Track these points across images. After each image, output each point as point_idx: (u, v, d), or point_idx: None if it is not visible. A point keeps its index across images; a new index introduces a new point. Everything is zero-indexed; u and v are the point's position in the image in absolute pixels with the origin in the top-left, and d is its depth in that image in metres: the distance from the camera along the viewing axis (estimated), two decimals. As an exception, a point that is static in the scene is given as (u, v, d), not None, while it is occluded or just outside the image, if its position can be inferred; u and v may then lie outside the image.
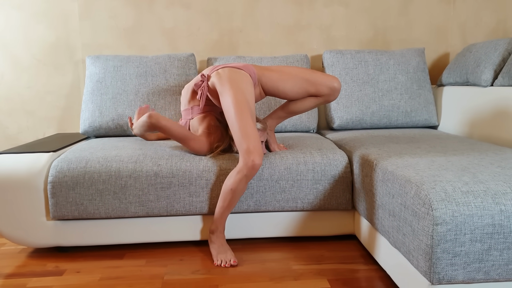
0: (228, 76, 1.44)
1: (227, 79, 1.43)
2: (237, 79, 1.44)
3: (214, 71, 1.51)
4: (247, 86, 1.43)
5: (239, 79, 1.44)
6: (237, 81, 1.43)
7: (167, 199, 1.48)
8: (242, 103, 1.37)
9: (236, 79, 1.43)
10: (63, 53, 2.27)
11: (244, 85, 1.43)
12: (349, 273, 1.34)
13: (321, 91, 1.52)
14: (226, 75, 1.45)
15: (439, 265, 0.93)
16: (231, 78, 1.43)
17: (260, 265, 1.40)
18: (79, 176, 1.45)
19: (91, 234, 1.51)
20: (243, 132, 1.34)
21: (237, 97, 1.38)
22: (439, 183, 0.99)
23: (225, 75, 1.45)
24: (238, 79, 1.44)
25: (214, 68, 1.53)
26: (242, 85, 1.42)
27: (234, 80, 1.43)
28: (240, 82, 1.43)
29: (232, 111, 1.36)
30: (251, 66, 1.53)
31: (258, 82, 1.53)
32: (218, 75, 1.47)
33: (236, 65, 1.51)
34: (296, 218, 1.57)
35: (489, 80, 1.77)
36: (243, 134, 1.34)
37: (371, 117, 2.08)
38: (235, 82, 1.42)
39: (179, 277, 1.33)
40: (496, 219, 0.92)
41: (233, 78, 1.43)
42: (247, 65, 1.52)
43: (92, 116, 1.96)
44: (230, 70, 1.47)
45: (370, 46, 2.40)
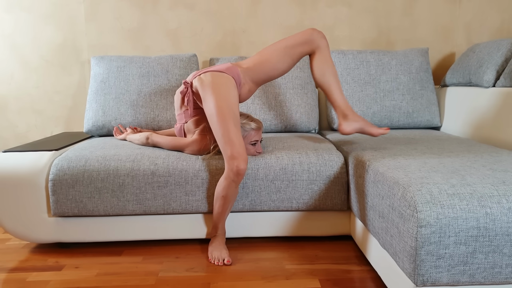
0: (210, 81, 1.45)
1: (209, 85, 1.44)
2: (219, 83, 1.44)
3: (197, 77, 1.52)
4: (229, 89, 1.44)
5: (221, 83, 1.45)
6: (219, 86, 1.44)
7: (164, 197, 1.51)
8: (224, 109, 1.38)
9: (218, 83, 1.44)
10: (70, 53, 2.33)
11: (226, 89, 1.44)
12: (341, 273, 1.34)
13: (306, 50, 1.53)
14: (208, 80, 1.46)
15: (423, 267, 0.93)
16: (213, 83, 1.44)
17: (253, 264, 1.42)
18: (79, 174, 1.49)
19: (91, 231, 1.55)
20: (226, 138, 1.35)
21: (219, 103, 1.39)
22: (425, 185, 0.99)
23: (207, 80, 1.47)
24: (220, 83, 1.44)
25: (197, 74, 1.54)
26: (224, 89, 1.43)
27: (216, 85, 1.44)
28: (222, 86, 1.44)
29: (215, 117, 1.38)
30: (235, 67, 1.53)
31: (245, 80, 1.54)
32: (200, 80, 1.49)
33: (219, 68, 1.52)
34: (292, 218, 1.58)
35: (491, 80, 1.75)
36: (226, 140, 1.35)
37: (372, 118, 2.07)
38: (217, 87, 1.43)
39: (174, 274, 1.36)
40: (481, 222, 0.91)
41: (215, 82, 1.44)
42: (230, 67, 1.53)
43: (96, 116, 2.00)
44: (212, 74, 1.48)
45: (374, 47, 2.39)
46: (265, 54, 1.56)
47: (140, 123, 2.00)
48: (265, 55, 1.56)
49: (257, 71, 1.55)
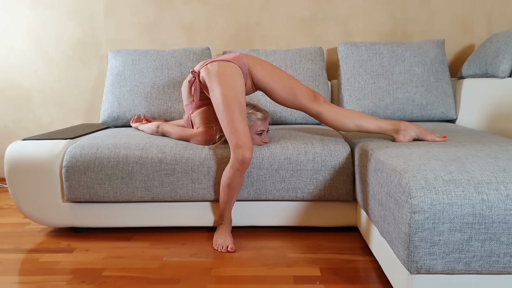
0: (216, 71, 1.47)
1: (215, 74, 1.46)
2: (226, 73, 1.46)
3: (204, 66, 1.55)
4: (235, 79, 1.46)
5: (228, 72, 1.46)
6: (226, 75, 1.45)
7: (171, 185, 1.55)
8: (230, 98, 1.40)
9: (225, 73, 1.46)
10: (89, 48, 2.41)
11: (232, 79, 1.45)
12: (343, 263, 1.34)
13: (308, 101, 1.52)
14: (215, 70, 1.48)
15: (416, 253, 0.92)
16: (219, 73, 1.46)
17: (256, 252, 1.43)
18: (90, 161, 1.55)
19: (102, 217, 1.61)
20: (232, 127, 1.37)
21: (225, 92, 1.41)
22: (422, 172, 0.97)
23: (213, 70, 1.49)
24: (227, 73, 1.46)
25: (204, 63, 1.56)
26: (230, 78, 1.45)
27: (222, 74, 1.46)
28: (229, 75, 1.46)
29: (221, 107, 1.40)
30: (242, 58, 1.54)
31: (249, 73, 1.55)
32: (207, 70, 1.51)
33: (226, 58, 1.54)
34: (297, 207, 1.59)
35: (507, 70, 1.69)
36: (232, 129, 1.37)
37: (385, 110, 2.04)
38: (223, 77, 1.45)
39: (177, 259, 1.39)
40: (477, 209, 0.89)
41: (221, 72, 1.46)
42: (237, 56, 1.54)
43: (111, 107, 2.07)
44: (219, 64, 1.50)
45: (389, 38, 2.35)
46: (276, 74, 1.54)
47: (153, 115, 2.06)
48: (275, 74, 1.54)
49: (259, 75, 1.53)
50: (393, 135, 1.47)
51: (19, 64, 2.43)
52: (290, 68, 2.11)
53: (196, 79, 1.57)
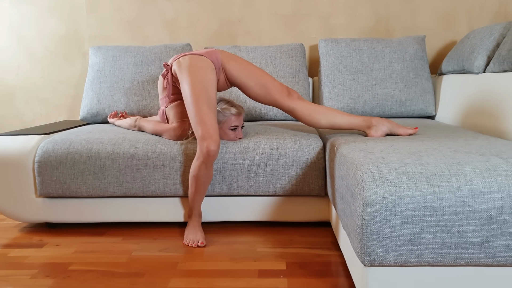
0: (187, 64, 1.48)
1: (186, 68, 1.46)
2: (196, 66, 1.46)
3: (176, 60, 1.55)
4: (206, 72, 1.46)
5: (199, 66, 1.47)
6: (196, 69, 1.46)
7: (143, 180, 1.55)
8: (199, 90, 1.40)
9: (195, 66, 1.46)
10: (72, 44, 2.41)
11: (203, 72, 1.45)
12: (311, 257, 1.34)
13: (281, 97, 1.52)
14: (186, 63, 1.48)
15: (369, 246, 0.92)
16: (190, 66, 1.46)
17: (226, 247, 1.44)
18: (62, 156, 1.55)
19: (75, 212, 1.61)
20: (198, 119, 1.37)
21: (194, 85, 1.41)
22: (377, 164, 0.97)
23: (184, 63, 1.49)
24: (197, 66, 1.46)
25: (177, 57, 1.56)
26: (201, 72, 1.45)
27: (193, 67, 1.46)
28: (200, 69, 1.46)
29: (189, 98, 1.40)
30: (216, 53, 1.55)
31: (222, 69, 1.55)
32: (178, 63, 1.51)
33: (199, 52, 1.54)
34: (270, 203, 1.59)
35: (481, 66, 1.68)
36: (198, 120, 1.37)
37: (363, 106, 2.04)
38: (194, 70, 1.45)
39: (146, 253, 1.40)
40: (429, 201, 0.89)
41: (192, 65, 1.47)
42: (211, 51, 1.55)
43: (91, 103, 2.07)
44: (191, 57, 1.50)
45: (372, 35, 2.35)
46: (250, 70, 1.54)
47: (132, 110, 2.06)
48: (250, 70, 1.54)
49: (232, 71, 1.53)
50: (365, 130, 1.47)
51: (1, 61, 2.44)
52: (270, 65, 2.11)
53: (168, 73, 1.57)
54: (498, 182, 0.89)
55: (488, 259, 0.91)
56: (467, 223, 0.89)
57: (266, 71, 2.09)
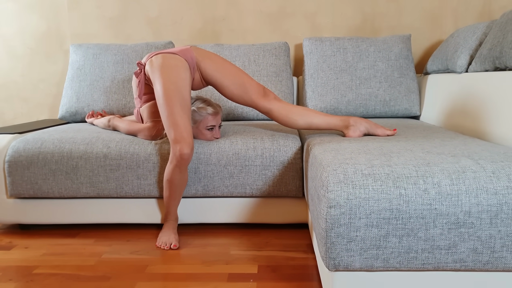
0: (159, 63, 1.44)
1: (158, 67, 1.43)
2: (169, 65, 1.42)
3: (149, 59, 1.51)
4: (179, 72, 1.42)
5: (172, 65, 1.43)
6: (169, 68, 1.42)
7: (116, 181, 1.51)
8: (171, 91, 1.36)
9: (168, 65, 1.42)
10: (53, 42, 2.37)
11: (176, 71, 1.41)
12: (284, 260, 1.31)
13: (257, 97, 1.48)
14: (158, 62, 1.44)
15: (334, 250, 0.88)
16: (162, 65, 1.42)
17: (199, 249, 1.40)
18: (34, 156, 1.51)
19: (47, 213, 1.58)
20: (171, 121, 1.33)
21: (166, 85, 1.37)
22: (343, 166, 0.94)
23: (156, 62, 1.45)
24: (171, 65, 1.42)
25: (150, 55, 1.53)
26: (173, 71, 1.41)
27: (165, 67, 1.42)
28: (172, 68, 1.42)
29: (161, 99, 1.36)
30: (190, 51, 1.51)
31: (197, 67, 1.52)
32: (151, 63, 1.47)
33: (172, 50, 1.50)
34: (247, 204, 1.55)
35: (464, 66, 1.65)
36: (171, 123, 1.33)
37: (347, 106, 2.00)
38: (166, 69, 1.41)
39: (116, 256, 1.36)
40: (394, 204, 0.86)
41: (164, 65, 1.43)
42: (185, 49, 1.51)
43: (70, 102, 2.03)
44: (163, 56, 1.47)
45: (358, 34, 2.31)
46: (226, 69, 1.50)
47: (111, 109, 2.02)
48: (226, 68, 1.50)
49: (208, 70, 1.48)
50: (343, 130, 1.44)
51: (-19, 58, 2.39)
52: (253, 63, 2.07)
53: (142, 72, 1.53)
54: (466, 184, 0.86)
55: (456, 264, 0.87)
56: (434, 227, 0.86)
57: (249, 70, 2.06)
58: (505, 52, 1.34)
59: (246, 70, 2.06)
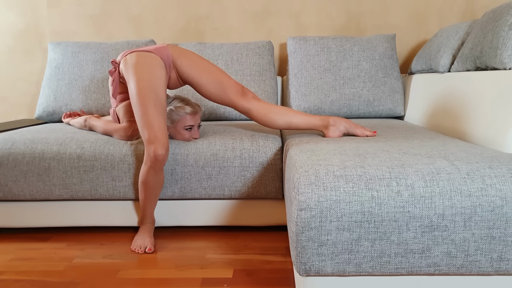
0: (133, 62, 1.40)
1: (132, 66, 1.38)
2: (143, 63, 1.38)
3: (123, 58, 1.47)
4: (154, 70, 1.38)
5: (146, 63, 1.39)
6: (143, 66, 1.37)
7: (91, 182, 1.47)
8: (145, 90, 1.32)
9: (143, 63, 1.38)
10: (32, 40, 2.31)
11: (150, 70, 1.37)
12: (260, 264, 1.27)
13: (235, 96, 1.45)
14: (132, 61, 1.40)
15: (304, 254, 0.85)
16: (137, 64, 1.38)
17: (175, 253, 1.36)
18: (3, 157, 1.46)
19: (18, 216, 1.52)
20: (145, 121, 1.29)
21: (140, 84, 1.33)
22: (315, 167, 0.91)
23: (131, 61, 1.41)
24: (145, 64, 1.38)
25: (125, 54, 1.48)
26: (147, 70, 1.37)
27: (140, 65, 1.38)
28: (146, 66, 1.38)
29: (135, 99, 1.32)
30: (166, 49, 1.47)
31: (173, 65, 1.48)
32: (125, 61, 1.43)
33: (147, 49, 1.46)
34: (225, 206, 1.51)
35: (446, 65, 1.64)
36: (144, 123, 1.29)
37: (330, 106, 1.98)
38: (140, 68, 1.37)
39: (88, 260, 1.31)
40: (366, 206, 0.83)
41: (139, 63, 1.38)
42: (160, 47, 1.47)
43: (47, 101, 1.98)
44: (138, 54, 1.42)
45: (343, 33, 2.29)
46: (203, 67, 1.46)
47: (90, 109, 1.97)
48: (202, 66, 1.46)
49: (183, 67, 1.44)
50: (323, 130, 1.41)
51: (-44, 56, 2.32)
52: (236, 62, 2.04)
53: (116, 70, 1.49)
54: (440, 186, 0.83)
55: (430, 268, 0.85)
56: (407, 230, 0.83)
57: (232, 69, 2.02)
58: (485, 51, 1.32)
59: (229, 69, 2.03)
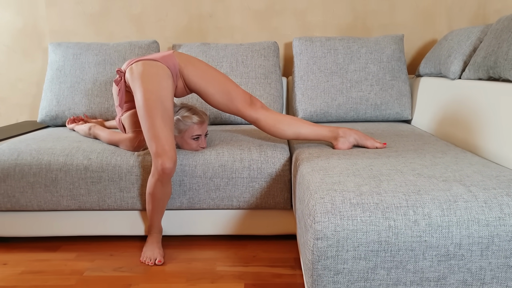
0: (140, 72, 1.37)
1: (138, 76, 1.36)
2: (150, 73, 1.36)
3: (129, 66, 1.44)
4: (160, 80, 1.36)
5: (153, 73, 1.36)
6: (149, 76, 1.35)
7: (98, 193, 1.46)
8: (152, 101, 1.30)
9: (149, 73, 1.36)
10: (31, 39, 2.27)
11: (157, 80, 1.35)
12: (271, 277, 1.28)
13: (243, 106, 1.43)
14: (139, 70, 1.38)
15: (320, 282, 0.85)
16: (143, 74, 1.36)
17: (185, 265, 1.36)
18: (10, 168, 1.44)
19: (26, 226, 1.52)
20: (152, 134, 1.28)
21: (147, 95, 1.31)
22: (331, 193, 0.90)
23: (137, 70, 1.38)
24: (151, 74, 1.36)
25: (130, 62, 1.46)
26: (154, 80, 1.35)
27: (146, 75, 1.35)
28: (153, 76, 1.36)
29: (142, 111, 1.30)
30: (173, 57, 1.44)
31: (180, 74, 1.45)
32: (131, 71, 1.41)
33: (154, 57, 1.43)
34: (233, 216, 1.51)
35: (457, 72, 1.61)
36: (152, 136, 1.28)
37: (337, 110, 1.96)
38: (147, 78, 1.35)
39: (99, 273, 1.31)
40: (383, 236, 0.82)
41: (145, 73, 1.36)
42: (167, 55, 1.44)
43: (49, 105, 1.95)
44: (144, 64, 1.40)
45: (349, 32, 2.25)
46: (210, 76, 1.44)
47: (94, 113, 1.95)
48: (210, 75, 1.44)
49: (190, 77, 1.42)
50: (332, 142, 1.40)
51: (-45, 57, 2.28)
52: (241, 65, 2.01)
53: (122, 79, 1.46)
54: (457, 215, 0.83)
55: (446, 296, 0.85)
56: (424, 259, 0.83)
57: (237, 71, 2.00)
58: (500, 62, 1.30)
59: (234, 72, 2.00)
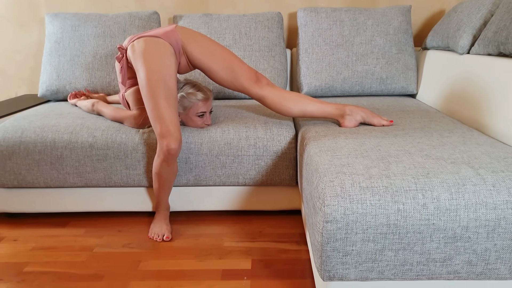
0: (142, 49, 1.33)
1: (140, 53, 1.33)
2: (152, 51, 1.32)
3: (130, 43, 1.40)
4: (163, 58, 1.32)
5: (155, 50, 1.33)
6: (151, 54, 1.32)
7: (104, 171, 1.46)
8: (155, 81, 1.27)
9: (151, 51, 1.32)
10: (27, 10, 2.19)
11: (159, 58, 1.32)
12: (277, 253, 1.31)
13: (248, 82, 1.41)
14: (140, 48, 1.34)
15: (329, 263, 0.87)
16: (145, 52, 1.32)
17: (192, 241, 1.39)
18: (15, 146, 1.44)
19: (34, 202, 1.54)
20: (156, 114, 1.26)
21: (149, 75, 1.28)
22: (340, 176, 0.90)
23: (139, 48, 1.35)
24: (153, 52, 1.32)
25: (132, 39, 1.41)
26: (156, 58, 1.31)
27: (148, 53, 1.32)
28: (155, 54, 1.32)
29: (145, 91, 1.28)
30: (175, 33, 1.40)
31: (183, 50, 1.42)
32: (132, 48, 1.37)
33: (155, 33, 1.39)
34: (239, 192, 1.53)
35: (466, 46, 1.58)
36: (156, 116, 1.26)
37: (342, 84, 1.93)
38: (149, 56, 1.31)
39: (108, 250, 1.34)
40: (392, 219, 0.84)
41: (147, 51, 1.33)
42: (169, 31, 1.40)
43: (50, 80, 1.92)
44: (146, 40, 1.36)
45: (355, 3, 2.18)
46: (214, 52, 1.40)
47: (95, 88, 1.92)
48: (213, 52, 1.40)
49: (194, 54, 1.39)
50: (338, 119, 1.39)
51: (-51, 28, 2.21)
52: (244, 37, 1.96)
53: (123, 56, 1.43)
54: (466, 198, 0.84)
55: (450, 275, 0.87)
56: (431, 241, 0.85)
57: (240, 44, 1.95)
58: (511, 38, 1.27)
59: (237, 44, 1.95)
